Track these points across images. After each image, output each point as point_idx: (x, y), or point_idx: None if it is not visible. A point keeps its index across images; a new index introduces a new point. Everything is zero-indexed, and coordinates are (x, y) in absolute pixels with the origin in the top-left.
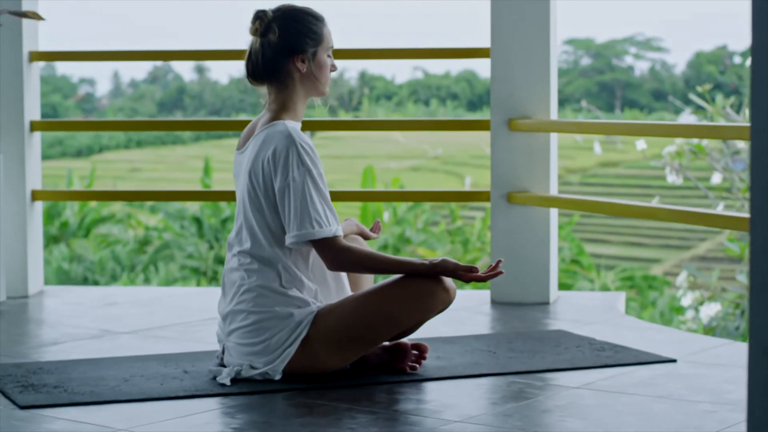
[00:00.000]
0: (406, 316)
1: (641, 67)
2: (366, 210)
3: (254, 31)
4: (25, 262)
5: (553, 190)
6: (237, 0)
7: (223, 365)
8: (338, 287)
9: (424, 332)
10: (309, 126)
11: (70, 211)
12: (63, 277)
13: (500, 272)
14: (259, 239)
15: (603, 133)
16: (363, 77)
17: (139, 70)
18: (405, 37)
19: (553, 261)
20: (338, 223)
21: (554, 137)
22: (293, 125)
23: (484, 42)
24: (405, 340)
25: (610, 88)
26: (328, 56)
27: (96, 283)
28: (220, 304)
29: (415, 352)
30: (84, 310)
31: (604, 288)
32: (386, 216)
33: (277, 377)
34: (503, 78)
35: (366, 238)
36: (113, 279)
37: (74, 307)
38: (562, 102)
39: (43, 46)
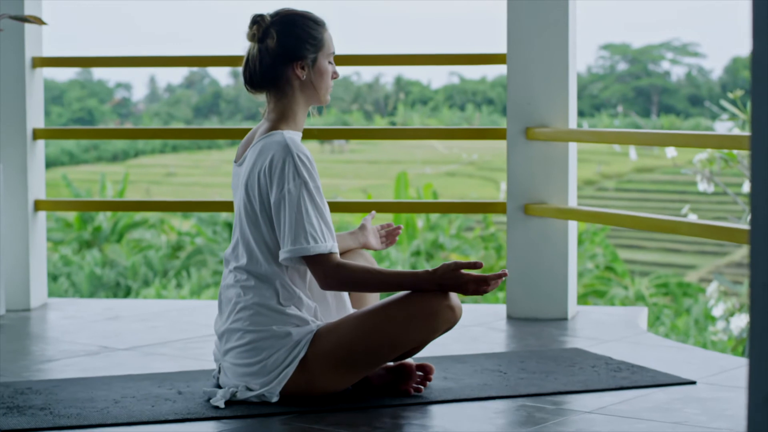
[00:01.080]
0: (409, 337)
1: (678, 73)
2: (398, 217)
3: (251, 37)
4: (27, 274)
5: (572, 202)
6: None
7: (219, 386)
8: (339, 305)
9: (433, 350)
10: (308, 134)
11: (103, 216)
12: (95, 282)
13: (504, 273)
14: (256, 255)
15: (622, 143)
16: (399, 82)
17: (176, 74)
18: (427, 43)
19: (571, 275)
20: (334, 239)
21: (573, 147)
22: (291, 135)
23: (502, 48)
24: (410, 360)
25: (647, 93)
26: (330, 62)
27: (128, 288)
28: (217, 322)
29: (419, 373)
30: (84, 325)
31: (638, 295)
32: (420, 222)
33: (274, 399)
34: (520, 85)
35: (369, 248)
36: (145, 284)
37: (75, 321)
38: (598, 107)
39: (50, 52)
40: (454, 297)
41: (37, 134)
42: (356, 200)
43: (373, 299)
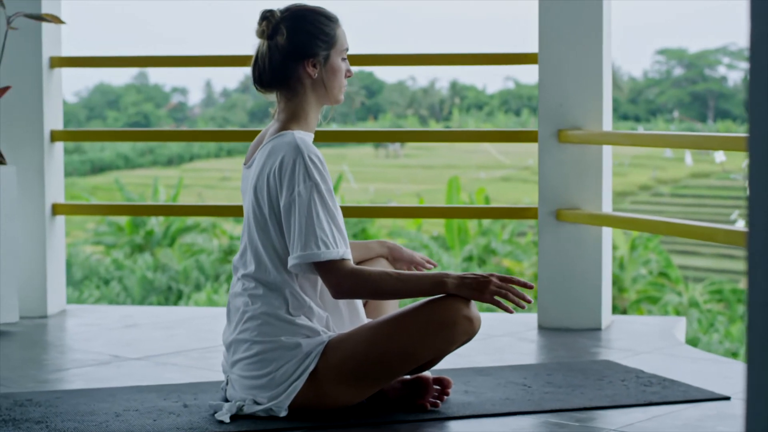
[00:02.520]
0: (424, 349)
1: (734, 78)
2: (450, 222)
3: (261, 33)
4: (44, 280)
5: (606, 207)
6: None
7: (227, 399)
8: (352, 315)
9: (455, 361)
10: (323, 137)
11: (156, 220)
12: (147, 287)
13: (529, 285)
14: (264, 262)
15: (656, 146)
16: (454, 87)
17: (232, 79)
18: (479, 44)
19: (605, 283)
20: (347, 245)
21: (607, 150)
22: (302, 136)
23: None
24: (427, 373)
25: (703, 98)
26: (343, 60)
27: (180, 292)
28: (225, 332)
29: (437, 386)
30: (100, 333)
31: (692, 301)
32: (472, 227)
33: (283, 414)
34: (552, 86)
35: (398, 258)
36: (197, 288)
37: (91, 328)
38: (654, 112)
39: (74, 52)
40: (473, 307)
41: (55, 136)
42: (382, 205)
43: (390, 308)
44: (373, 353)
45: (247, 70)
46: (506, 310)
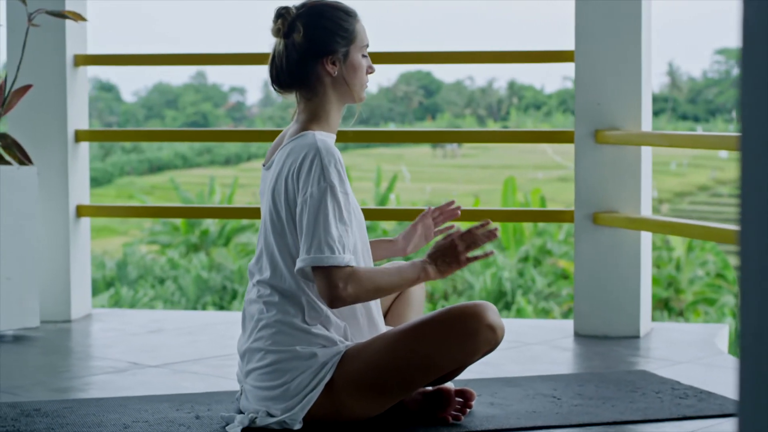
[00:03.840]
0: (444, 360)
1: None
2: (506, 223)
3: (276, 32)
4: (67, 284)
5: (645, 211)
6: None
7: (241, 411)
8: (370, 323)
9: (483, 371)
10: (343, 137)
11: (211, 220)
12: (202, 286)
13: (486, 223)
14: (280, 268)
15: (697, 147)
16: (512, 87)
17: None
18: (490, 41)
19: (644, 289)
20: (351, 252)
21: (647, 151)
22: (323, 137)
23: (570, 44)
24: (449, 384)
25: None
26: (363, 56)
27: (234, 292)
28: (240, 341)
29: (459, 399)
30: (122, 338)
31: None
32: (528, 227)
33: (297, 427)
34: (589, 84)
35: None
36: None
37: (113, 334)
38: (713, 112)
39: (99, 50)
40: (496, 315)
41: (79, 136)
42: (408, 208)
43: (413, 316)
44: (391, 364)
45: None
46: (485, 256)
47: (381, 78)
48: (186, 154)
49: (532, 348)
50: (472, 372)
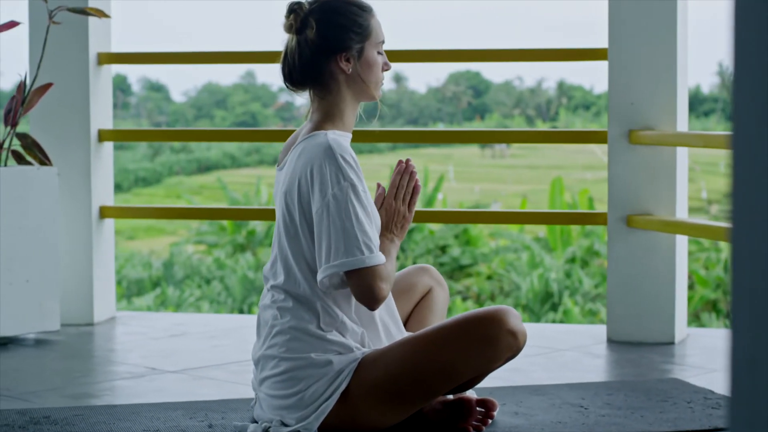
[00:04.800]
0: (464, 367)
1: None
2: (553, 227)
3: (289, 28)
4: (90, 287)
5: (681, 213)
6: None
7: (255, 420)
8: (389, 329)
9: (509, 378)
10: (361, 137)
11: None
12: (248, 286)
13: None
14: (294, 273)
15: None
16: (561, 87)
17: None
18: (523, 39)
19: (680, 294)
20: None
21: (682, 152)
22: (335, 136)
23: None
24: (470, 393)
25: None
26: (379, 53)
27: None
28: (254, 347)
29: (480, 409)
30: (143, 342)
31: None
32: (575, 228)
33: None
34: (622, 83)
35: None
36: None
37: (135, 338)
38: None
39: (122, 48)
40: (517, 320)
41: (102, 136)
42: (455, 209)
43: (434, 321)
44: (409, 371)
45: None
46: (416, 188)
47: (430, 78)
48: (234, 154)
49: (563, 354)
50: (498, 379)
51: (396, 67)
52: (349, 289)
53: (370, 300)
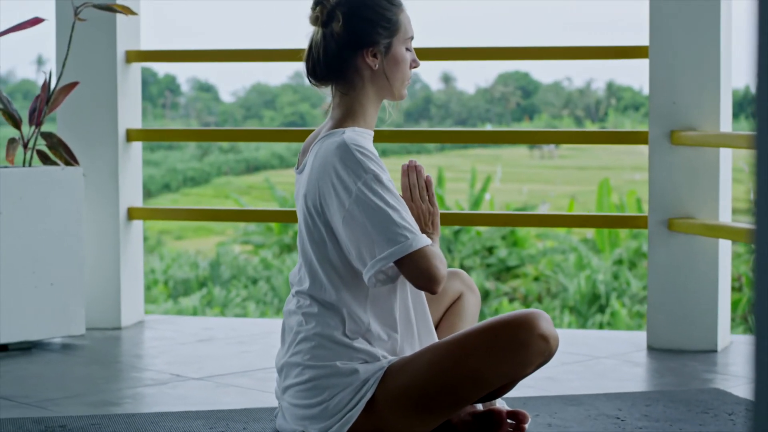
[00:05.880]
0: (494, 374)
1: None
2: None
3: (314, 20)
4: (117, 290)
5: (724, 217)
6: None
7: (278, 431)
8: (420, 336)
9: (544, 386)
10: (383, 137)
11: None
12: None
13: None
14: (320, 278)
15: None
16: (610, 88)
17: None
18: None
19: (723, 300)
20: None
21: (726, 153)
22: (354, 134)
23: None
24: (502, 404)
25: None
26: (407, 49)
27: None
28: (278, 354)
29: (511, 421)
30: (170, 347)
31: None
32: (623, 230)
33: None
34: (664, 81)
35: None
36: None
37: (162, 342)
38: None
39: (155, 46)
40: (548, 324)
41: (130, 135)
42: (496, 212)
43: (465, 325)
44: (437, 379)
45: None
46: (428, 181)
47: (478, 79)
48: (283, 154)
49: (601, 362)
50: (532, 388)
51: (445, 66)
52: (386, 291)
53: (431, 282)
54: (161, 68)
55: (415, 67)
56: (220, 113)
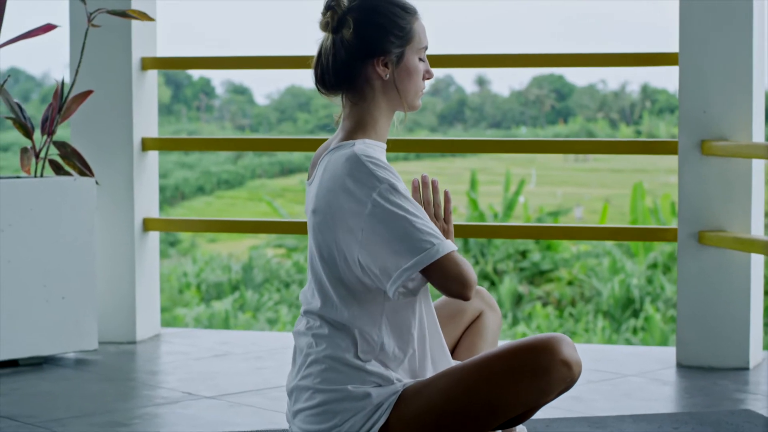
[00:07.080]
0: (513, 401)
1: None
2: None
3: (325, 26)
4: (133, 303)
5: (756, 230)
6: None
7: None
8: (434, 359)
9: (571, 407)
10: (398, 146)
11: None
12: None
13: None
14: (330, 297)
15: None
16: (645, 90)
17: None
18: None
19: (755, 316)
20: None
21: (758, 164)
22: (364, 146)
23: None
24: (522, 429)
25: None
26: (421, 60)
27: None
28: (289, 376)
29: None
30: (184, 363)
31: None
32: None
33: None
34: (694, 90)
35: None
36: None
37: (177, 357)
38: None
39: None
40: (571, 349)
41: (146, 144)
42: (519, 224)
43: (485, 348)
44: (453, 405)
45: (439, 77)
46: (446, 197)
47: (513, 81)
48: None
49: (629, 381)
50: (556, 409)
51: (479, 69)
52: (405, 309)
53: (463, 287)
54: (195, 71)
55: (428, 78)
56: (254, 116)
